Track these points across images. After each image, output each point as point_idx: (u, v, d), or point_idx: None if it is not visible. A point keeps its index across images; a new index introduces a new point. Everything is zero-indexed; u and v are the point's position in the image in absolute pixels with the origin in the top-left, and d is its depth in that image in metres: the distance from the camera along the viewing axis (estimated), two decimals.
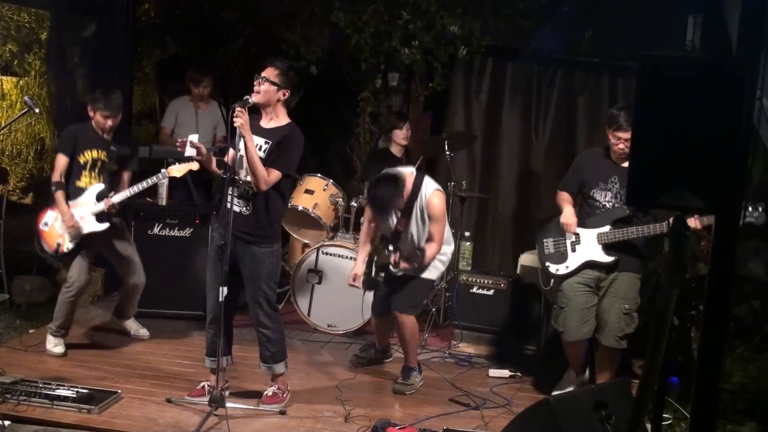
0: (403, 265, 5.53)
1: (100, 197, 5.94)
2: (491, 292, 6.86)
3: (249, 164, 4.90)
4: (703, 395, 3.16)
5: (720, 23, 5.54)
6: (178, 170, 5.83)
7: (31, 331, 6.55)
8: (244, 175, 5.04)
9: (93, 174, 5.99)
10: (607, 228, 5.39)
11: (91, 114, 5.99)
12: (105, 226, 5.96)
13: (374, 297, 6.06)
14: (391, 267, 5.62)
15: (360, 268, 5.81)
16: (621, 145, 5.34)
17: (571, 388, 5.70)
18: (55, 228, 5.96)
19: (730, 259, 3.10)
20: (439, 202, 5.61)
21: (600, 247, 5.40)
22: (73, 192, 5.97)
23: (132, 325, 6.54)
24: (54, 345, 6.02)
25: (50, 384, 5.20)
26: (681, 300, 4.40)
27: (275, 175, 4.98)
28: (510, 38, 7.75)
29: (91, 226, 5.93)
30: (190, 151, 5.10)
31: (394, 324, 5.88)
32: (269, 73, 5.03)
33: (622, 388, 4.55)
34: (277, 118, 5.13)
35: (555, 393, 5.63)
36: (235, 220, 4.97)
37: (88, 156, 5.97)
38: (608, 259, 5.39)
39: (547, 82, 8.00)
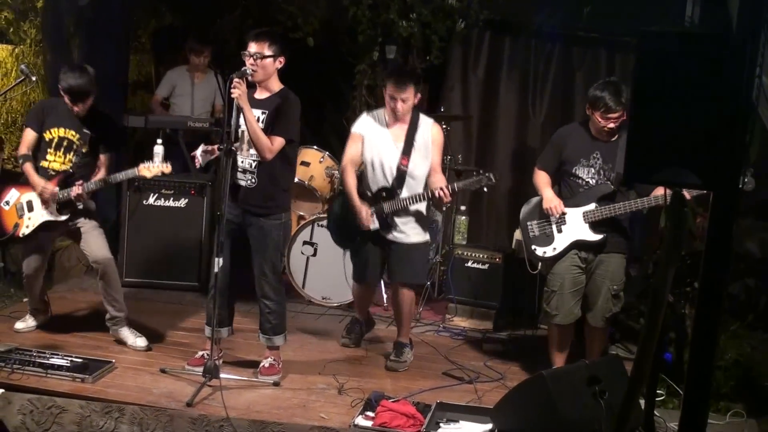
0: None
1: (65, 184, 5.48)
2: (486, 267, 6.86)
3: (251, 135, 4.93)
4: (697, 372, 3.16)
5: None
6: (148, 170, 5.38)
7: (24, 299, 6.54)
8: (246, 149, 5.06)
9: (58, 154, 5.52)
10: (593, 206, 5.27)
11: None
12: (64, 217, 5.53)
13: (358, 262, 5.92)
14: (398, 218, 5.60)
15: (367, 209, 5.55)
16: (611, 125, 5.20)
17: None
18: (15, 208, 5.57)
19: (726, 236, 3.09)
20: (439, 131, 5.70)
21: (587, 225, 5.28)
22: (38, 172, 5.53)
23: (128, 335, 5.75)
24: (22, 320, 5.91)
25: (44, 353, 5.21)
26: (676, 277, 4.40)
27: (279, 142, 4.99)
28: (508, 12, 7.72)
29: (50, 214, 5.51)
30: (205, 159, 5.15)
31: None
32: (261, 47, 4.98)
33: (614, 365, 4.59)
34: (270, 87, 5.13)
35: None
36: (243, 194, 5.07)
37: (54, 134, 5.52)
38: (597, 237, 5.27)
39: (544, 57, 7.93)
